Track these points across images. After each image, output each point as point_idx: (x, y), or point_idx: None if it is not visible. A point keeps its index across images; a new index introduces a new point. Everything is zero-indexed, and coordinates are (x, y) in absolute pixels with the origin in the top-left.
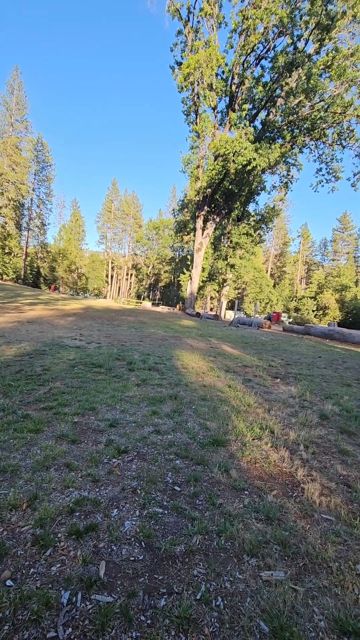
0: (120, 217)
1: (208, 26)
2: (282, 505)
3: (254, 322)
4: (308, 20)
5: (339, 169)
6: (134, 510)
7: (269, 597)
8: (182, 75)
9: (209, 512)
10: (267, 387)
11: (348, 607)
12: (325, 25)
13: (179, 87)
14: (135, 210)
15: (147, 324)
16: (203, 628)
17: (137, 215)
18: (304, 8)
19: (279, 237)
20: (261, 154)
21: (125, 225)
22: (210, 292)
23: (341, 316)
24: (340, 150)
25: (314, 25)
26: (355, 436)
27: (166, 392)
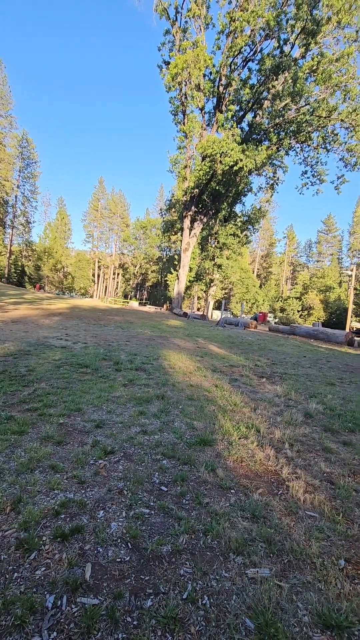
0: (107, 216)
1: (196, 27)
2: (268, 503)
3: (241, 322)
4: (294, 24)
5: (323, 172)
6: (120, 511)
7: (254, 594)
8: (170, 75)
9: (196, 511)
10: (253, 387)
11: (331, 602)
12: (311, 30)
13: (166, 86)
14: (122, 209)
15: (134, 323)
16: (189, 627)
17: (124, 215)
18: (290, 12)
19: (265, 238)
20: (248, 155)
21: (112, 224)
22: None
23: (325, 316)
24: (325, 154)
25: (299, 29)
26: (338, 434)
27: (153, 392)
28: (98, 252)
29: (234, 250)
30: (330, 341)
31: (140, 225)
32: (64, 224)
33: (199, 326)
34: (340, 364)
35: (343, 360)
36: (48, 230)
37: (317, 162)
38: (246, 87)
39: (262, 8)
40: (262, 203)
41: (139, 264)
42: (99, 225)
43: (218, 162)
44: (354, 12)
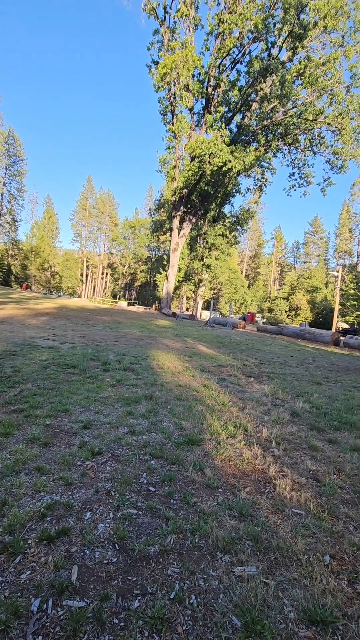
0: (96, 215)
1: (185, 27)
2: (255, 502)
3: (229, 322)
4: (281, 27)
5: (310, 174)
6: (107, 512)
7: (241, 592)
8: (159, 75)
9: (184, 511)
10: (241, 386)
11: (316, 598)
12: (298, 33)
13: (155, 86)
14: (110, 208)
15: (123, 323)
16: (177, 627)
17: (112, 214)
18: (277, 16)
19: (254, 239)
20: (236, 156)
21: (100, 224)
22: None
23: (312, 316)
24: (311, 156)
25: (287, 33)
26: (324, 432)
27: (141, 392)
28: (86, 252)
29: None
30: (317, 341)
31: (129, 224)
32: (51, 223)
33: (187, 326)
34: (327, 364)
35: (329, 359)
36: (35, 229)
37: (304, 165)
38: (235, 89)
39: (250, 11)
40: (250, 204)
41: (127, 263)
42: (87, 225)
43: (207, 162)
44: (340, 18)
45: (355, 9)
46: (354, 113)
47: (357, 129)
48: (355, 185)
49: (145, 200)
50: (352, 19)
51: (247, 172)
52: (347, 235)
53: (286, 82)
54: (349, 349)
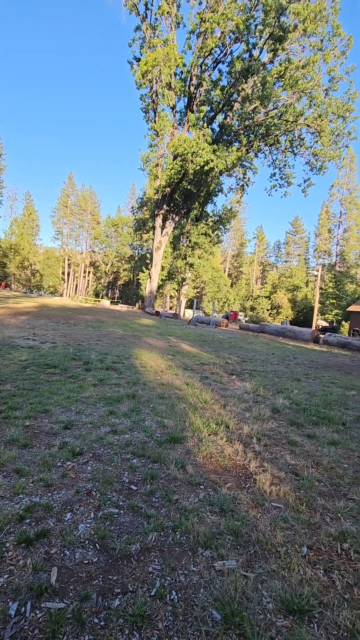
0: (77, 213)
1: (166, 25)
2: (236, 497)
3: (212, 320)
4: (262, 29)
5: (291, 174)
6: (88, 512)
7: (221, 586)
8: (140, 72)
9: (165, 508)
10: (223, 384)
11: (294, 588)
12: (278, 36)
13: (137, 83)
14: (92, 206)
15: (106, 322)
16: (157, 623)
17: (94, 212)
18: (258, 17)
19: (236, 238)
20: (219, 155)
21: (82, 222)
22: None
23: (293, 315)
24: (292, 157)
25: (267, 35)
26: (303, 427)
27: (124, 392)
28: (68, 250)
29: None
30: (297, 339)
31: (111, 222)
32: (31, 220)
33: (171, 325)
34: (306, 361)
35: (309, 357)
36: (14, 226)
37: (285, 165)
38: (217, 88)
39: (232, 11)
40: (232, 203)
41: (110, 262)
42: (68, 222)
43: (189, 161)
44: (319, 22)
45: (334, 14)
46: (333, 116)
47: (336, 131)
48: (334, 187)
49: (128, 198)
50: (331, 24)
51: (230, 172)
52: (326, 236)
53: (267, 83)
54: (328, 346)
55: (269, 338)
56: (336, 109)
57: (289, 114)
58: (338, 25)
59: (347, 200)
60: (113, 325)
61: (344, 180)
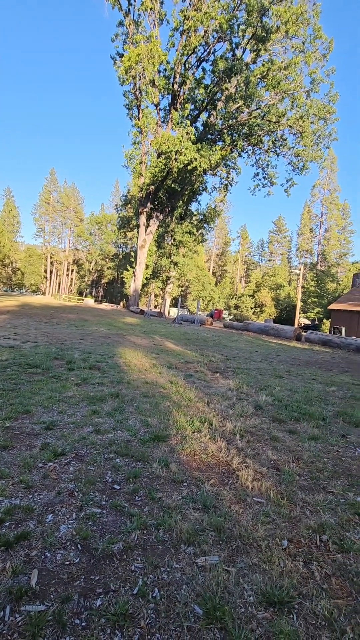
0: (60, 210)
1: (150, 21)
2: (218, 493)
3: (197, 319)
4: (245, 29)
5: (273, 174)
6: (70, 513)
7: (203, 581)
8: (124, 68)
9: (148, 507)
10: (207, 382)
11: (274, 580)
12: (261, 36)
13: (120, 79)
14: (75, 203)
15: (89, 321)
16: (139, 621)
17: (77, 209)
18: (241, 17)
19: (220, 237)
20: (202, 154)
21: (65, 219)
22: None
23: (276, 313)
24: (275, 157)
25: (250, 35)
26: (285, 423)
27: (107, 391)
28: (50, 247)
29: (190, 248)
30: (280, 336)
31: (95, 220)
32: (12, 217)
33: (155, 323)
34: (289, 358)
35: (291, 354)
36: None
37: (267, 165)
38: (200, 87)
39: (215, 10)
40: (216, 202)
41: (94, 260)
42: (51, 219)
43: (173, 159)
44: (301, 25)
45: (315, 17)
46: (314, 117)
47: (317, 132)
48: (315, 187)
49: (112, 195)
50: (312, 27)
51: (214, 171)
52: (308, 235)
53: (250, 83)
54: (310, 343)
55: (252, 336)
56: (317, 111)
57: (272, 115)
58: (319, 28)
59: (328, 201)
60: (97, 324)
61: (325, 181)
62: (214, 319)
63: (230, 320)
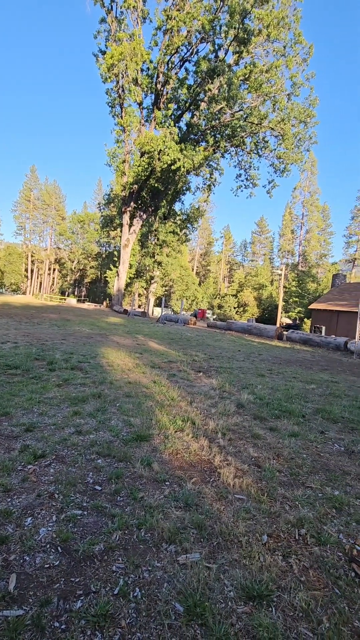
0: (41, 208)
1: (132, 19)
2: (200, 491)
3: (181, 318)
4: (227, 31)
5: (256, 176)
6: (50, 515)
7: (184, 579)
8: (106, 65)
9: (130, 507)
10: (190, 381)
11: (254, 575)
12: (243, 38)
13: (102, 77)
14: (57, 201)
15: (72, 321)
16: (120, 621)
17: (59, 207)
18: (223, 19)
19: (204, 237)
20: (186, 155)
21: (46, 217)
22: (138, 289)
23: (259, 312)
24: (257, 159)
25: (232, 36)
26: (266, 421)
27: (89, 391)
28: (31, 246)
29: (174, 248)
30: (262, 336)
31: (77, 219)
32: None
33: (139, 323)
34: (271, 357)
35: (273, 353)
36: None
37: (250, 167)
38: (183, 87)
39: (198, 11)
40: (200, 203)
41: (76, 259)
42: (31, 217)
43: (156, 159)
44: (282, 29)
45: (295, 22)
46: (295, 120)
47: (298, 136)
48: (296, 189)
49: (95, 194)
50: (293, 31)
51: (197, 171)
52: (289, 236)
53: (233, 84)
54: (291, 342)
55: (235, 335)
56: (298, 114)
57: (254, 117)
58: (299, 33)
59: (308, 203)
60: (79, 324)
61: (305, 183)
62: (198, 318)
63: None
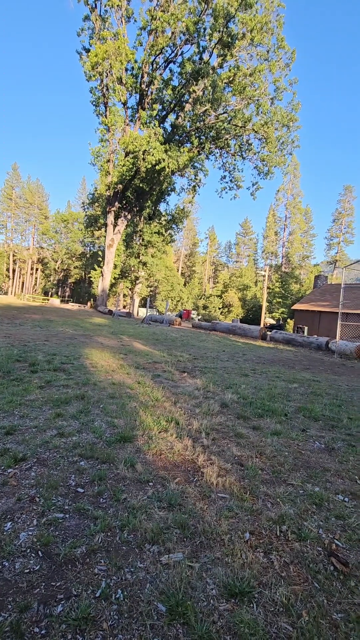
0: (23, 206)
1: (117, 18)
2: (184, 491)
3: (166, 319)
4: (211, 34)
5: (240, 178)
6: (31, 519)
7: (167, 579)
8: (90, 64)
9: (113, 508)
10: (175, 381)
11: (236, 572)
12: (227, 42)
13: (86, 75)
14: (40, 199)
15: (55, 321)
16: (102, 623)
17: (42, 206)
18: (208, 22)
19: (189, 238)
20: (171, 155)
21: (29, 216)
22: (123, 290)
23: (243, 313)
24: (241, 161)
25: (217, 39)
26: (249, 420)
27: (73, 393)
28: (13, 245)
29: (159, 249)
30: (246, 336)
31: (61, 218)
32: None
33: (124, 324)
34: (254, 357)
35: (257, 353)
36: None
37: (234, 169)
38: (168, 88)
39: (182, 12)
40: (185, 203)
41: (60, 259)
42: (13, 216)
43: (141, 159)
44: (265, 34)
45: (278, 27)
46: (278, 124)
47: (281, 139)
48: (279, 192)
49: (79, 193)
50: (276, 36)
51: (182, 172)
52: (273, 238)
53: (217, 87)
54: (274, 342)
55: (220, 336)
56: (281, 118)
57: (238, 119)
58: (282, 39)
59: (291, 205)
60: (63, 325)
61: (288, 186)
62: (183, 319)
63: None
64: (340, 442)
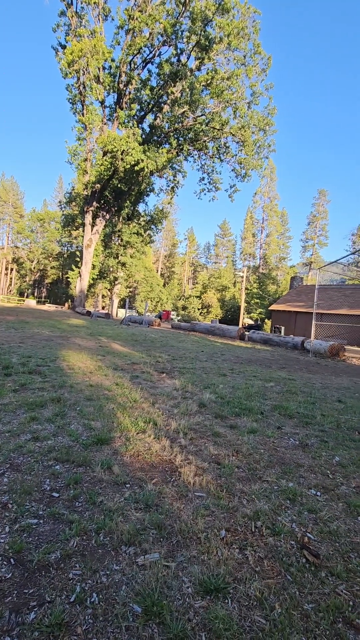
0: None
1: (94, 15)
2: (161, 491)
3: (145, 320)
4: (189, 36)
5: (218, 180)
6: (3, 527)
7: (143, 579)
8: (66, 61)
9: (89, 512)
10: (153, 382)
11: (212, 569)
12: (204, 45)
13: (62, 72)
14: (14, 197)
15: (31, 323)
16: (76, 628)
17: (17, 204)
18: (185, 24)
19: (168, 239)
20: (149, 156)
21: (3, 214)
22: (101, 290)
23: (222, 314)
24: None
25: (195, 42)
26: (226, 419)
27: (48, 396)
28: None
29: (138, 249)
30: (225, 336)
31: (37, 217)
32: None
33: (102, 325)
34: (233, 357)
35: (235, 353)
36: None
37: (212, 171)
38: (146, 88)
39: (160, 14)
40: (164, 204)
41: (36, 259)
42: None
43: (119, 159)
44: (242, 39)
45: (254, 33)
46: (255, 128)
47: (257, 143)
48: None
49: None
50: (252, 42)
51: (160, 173)
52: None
53: (195, 89)
54: (252, 342)
55: (199, 336)
56: (257, 122)
57: (216, 122)
58: (258, 44)
59: (268, 208)
60: (39, 326)
61: (265, 189)
62: (162, 319)
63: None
64: (313, 438)
